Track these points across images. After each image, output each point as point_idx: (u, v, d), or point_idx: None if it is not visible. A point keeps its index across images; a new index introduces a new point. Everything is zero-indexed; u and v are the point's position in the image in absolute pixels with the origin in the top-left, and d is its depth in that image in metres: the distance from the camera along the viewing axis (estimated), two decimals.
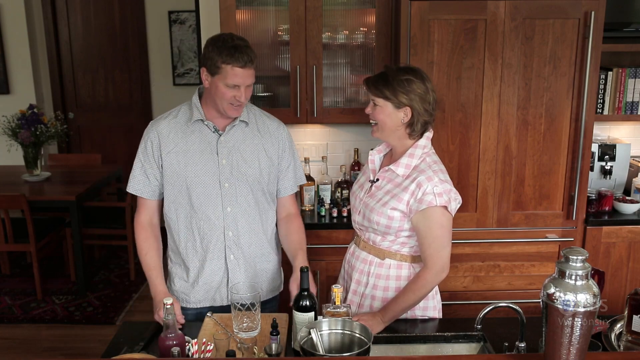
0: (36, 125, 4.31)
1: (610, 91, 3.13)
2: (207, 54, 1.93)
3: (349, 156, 3.47)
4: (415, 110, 1.91)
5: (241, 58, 1.90)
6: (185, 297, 2.13)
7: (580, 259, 1.39)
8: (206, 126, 2.03)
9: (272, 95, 3.25)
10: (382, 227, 1.95)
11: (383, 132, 1.97)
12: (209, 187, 2.02)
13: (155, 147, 2.03)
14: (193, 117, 2.02)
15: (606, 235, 2.99)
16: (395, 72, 1.92)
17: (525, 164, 2.89)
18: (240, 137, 2.06)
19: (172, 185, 2.04)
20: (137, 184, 2.07)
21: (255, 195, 2.07)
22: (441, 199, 1.87)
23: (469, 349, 1.89)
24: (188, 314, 2.11)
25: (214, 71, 1.93)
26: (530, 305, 2.77)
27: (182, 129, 2.03)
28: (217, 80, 1.93)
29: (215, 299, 2.12)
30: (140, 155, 2.07)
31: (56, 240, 4.58)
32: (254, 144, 2.07)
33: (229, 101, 1.96)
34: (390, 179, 1.98)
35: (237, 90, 1.94)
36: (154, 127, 2.06)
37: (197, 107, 2.03)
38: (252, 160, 2.05)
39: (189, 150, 2.02)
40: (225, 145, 2.03)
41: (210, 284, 2.10)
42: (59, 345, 3.68)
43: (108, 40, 5.70)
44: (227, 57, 1.89)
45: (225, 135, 2.03)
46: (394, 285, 1.99)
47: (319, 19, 3.02)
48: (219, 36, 1.97)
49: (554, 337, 1.40)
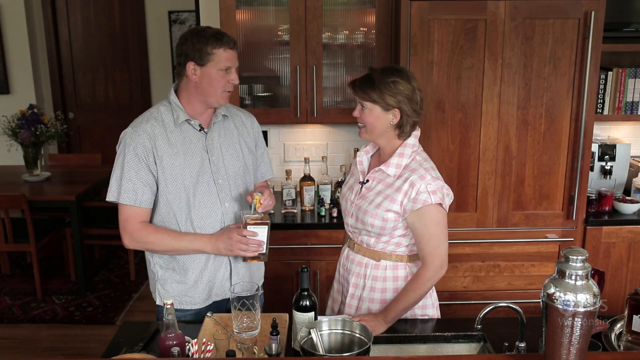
0: (36, 125, 4.31)
1: (610, 91, 3.13)
2: (192, 47, 1.93)
3: (349, 156, 3.47)
4: (403, 112, 1.91)
5: (229, 40, 1.96)
6: (187, 300, 2.10)
7: (580, 259, 1.39)
8: (192, 126, 2.03)
9: (272, 95, 3.25)
10: (377, 229, 1.94)
11: (372, 133, 1.97)
12: (206, 185, 2.03)
13: (148, 151, 1.95)
14: (179, 118, 2.00)
15: (606, 235, 2.99)
16: (381, 74, 1.91)
17: (525, 164, 2.89)
18: (223, 133, 2.10)
19: (169, 189, 1.99)
20: (134, 193, 1.95)
21: (245, 185, 2.13)
22: (435, 196, 1.87)
23: (469, 349, 1.89)
24: (188, 314, 2.10)
25: (205, 60, 1.93)
26: (530, 305, 2.78)
27: (169, 131, 1.99)
28: (209, 69, 1.94)
29: (219, 294, 2.12)
30: (131, 164, 1.95)
31: (56, 240, 4.57)
32: (234, 137, 2.12)
33: (224, 88, 1.98)
34: (380, 179, 1.97)
35: (229, 73, 1.98)
36: (139, 132, 1.96)
37: (179, 107, 2.01)
38: (237, 153, 2.11)
39: (180, 152, 1.99)
40: (213, 142, 2.05)
41: (213, 280, 2.10)
42: (59, 345, 3.68)
43: (108, 40, 5.70)
44: (216, 42, 1.93)
45: (210, 133, 2.06)
46: (391, 286, 1.99)
47: (319, 19, 3.02)
48: (195, 29, 1.98)
49: (554, 337, 1.40)
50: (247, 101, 3.24)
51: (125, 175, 1.95)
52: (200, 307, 2.10)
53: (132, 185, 1.95)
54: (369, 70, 1.97)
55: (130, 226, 1.99)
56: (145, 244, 2.02)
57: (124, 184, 1.96)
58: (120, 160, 1.97)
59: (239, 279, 2.11)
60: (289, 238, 2.97)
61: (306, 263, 2.98)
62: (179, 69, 2.00)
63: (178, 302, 2.09)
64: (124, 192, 1.96)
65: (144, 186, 1.96)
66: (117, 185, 1.97)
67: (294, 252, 2.99)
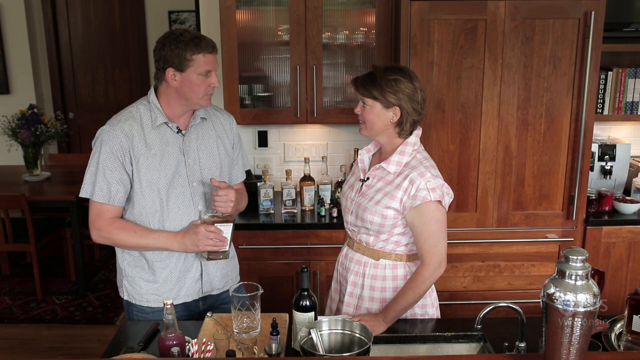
0: (36, 125, 4.31)
1: (610, 91, 3.13)
2: (171, 53, 1.93)
3: (349, 156, 3.47)
4: (404, 110, 1.92)
5: (208, 44, 1.95)
6: (154, 298, 2.09)
7: (580, 259, 1.39)
8: (169, 128, 2.03)
9: (272, 95, 3.25)
10: (376, 226, 1.94)
11: (372, 130, 1.98)
12: (180, 187, 2.03)
13: (125, 151, 1.95)
14: (157, 120, 1.99)
15: (606, 235, 2.99)
16: (383, 72, 1.92)
17: (525, 164, 2.89)
18: (201, 135, 2.09)
19: (143, 189, 1.99)
20: (107, 191, 1.96)
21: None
22: (435, 194, 1.87)
23: (469, 349, 1.89)
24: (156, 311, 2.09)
25: (184, 66, 1.93)
26: (530, 305, 2.77)
27: (147, 131, 1.99)
28: (189, 74, 1.94)
29: (189, 294, 2.11)
30: (106, 162, 1.95)
31: (56, 240, 4.57)
32: (212, 139, 2.12)
33: (205, 91, 1.98)
34: (381, 176, 1.98)
35: (209, 77, 1.97)
36: (117, 131, 1.95)
37: (158, 108, 2.01)
38: (213, 156, 2.11)
39: (156, 153, 1.99)
40: (189, 145, 2.05)
41: (183, 281, 2.09)
42: (59, 345, 3.68)
43: (108, 40, 5.70)
44: (195, 47, 1.92)
45: (188, 135, 2.05)
46: (390, 286, 1.99)
47: (319, 19, 3.02)
48: (172, 34, 1.96)
49: (554, 337, 1.40)
50: (247, 101, 3.24)
51: (99, 172, 1.96)
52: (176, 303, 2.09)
53: (106, 184, 1.96)
54: (372, 68, 1.98)
55: (99, 222, 2.00)
56: (112, 240, 2.01)
57: (98, 181, 1.96)
58: (95, 157, 1.97)
59: (209, 280, 2.12)
60: (289, 238, 2.97)
61: (306, 263, 2.98)
62: (158, 73, 1.99)
63: (145, 300, 2.09)
64: (97, 189, 1.96)
65: (118, 184, 1.97)
66: (91, 182, 1.98)
67: (294, 252, 2.99)
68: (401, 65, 2.13)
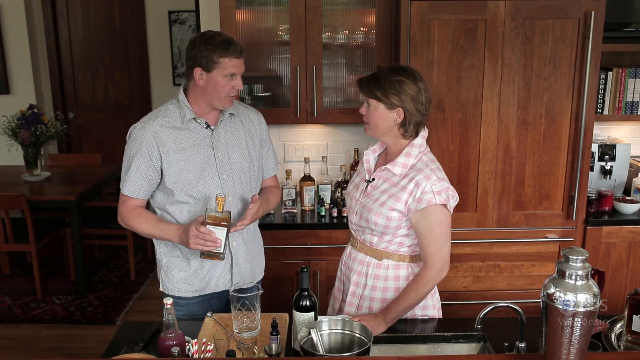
0: (36, 125, 4.31)
1: (610, 91, 3.13)
2: (200, 54, 2.02)
3: (349, 156, 3.47)
4: (407, 111, 1.91)
5: (235, 49, 2.04)
6: (185, 287, 2.17)
7: (580, 259, 1.39)
8: (198, 123, 2.11)
9: (272, 95, 3.25)
10: (380, 227, 1.94)
11: (376, 131, 1.98)
12: (210, 180, 2.10)
13: (152, 148, 2.05)
14: (186, 117, 2.09)
15: (606, 235, 2.99)
16: (387, 73, 1.92)
17: (525, 164, 2.89)
18: (229, 130, 2.17)
19: (173, 184, 2.08)
20: (134, 186, 2.09)
21: (249, 181, 2.19)
22: (440, 197, 1.87)
23: (469, 349, 1.89)
24: (190, 304, 2.18)
25: (211, 67, 2.03)
26: (530, 305, 2.77)
27: (176, 128, 2.08)
28: (215, 75, 2.03)
29: (219, 285, 2.19)
30: (135, 158, 2.07)
31: (56, 240, 4.57)
32: (240, 134, 2.19)
33: (228, 93, 2.06)
34: (386, 178, 1.98)
35: (234, 79, 2.06)
36: (147, 128, 2.07)
37: (187, 105, 2.10)
38: (242, 150, 2.18)
39: (186, 148, 2.08)
40: (219, 139, 2.13)
41: (214, 270, 2.17)
42: (59, 345, 3.68)
43: (108, 40, 5.70)
44: (223, 50, 2.01)
45: (217, 130, 2.13)
46: (392, 286, 1.99)
47: (319, 19, 3.02)
48: (204, 35, 2.06)
49: (554, 337, 1.41)
50: (247, 101, 3.24)
51: (130, 168, 2.08)
52: (199, 294, 2.18)
53: (132, 179, 2.09)
54: (376, 69, 1.99)
55: (122, 208, 2.15)
56: (129, 226, 2.15)
57: (127, 176, 2.10)
58: (126, 153, 2.11)
59: (239, 271, 2.19)
60: (289, 238, 2.98)
61: (306, 263, 2.98)
62: (187, 71, 2.09)
63: (177, 290, 2.17)
64: (127, 184, 2.10)
65: (142, 180, 2.09)
66: (124, 176, 2.12)
67: (294, 252, 2.99)
68: (406, 66, 2.12)
